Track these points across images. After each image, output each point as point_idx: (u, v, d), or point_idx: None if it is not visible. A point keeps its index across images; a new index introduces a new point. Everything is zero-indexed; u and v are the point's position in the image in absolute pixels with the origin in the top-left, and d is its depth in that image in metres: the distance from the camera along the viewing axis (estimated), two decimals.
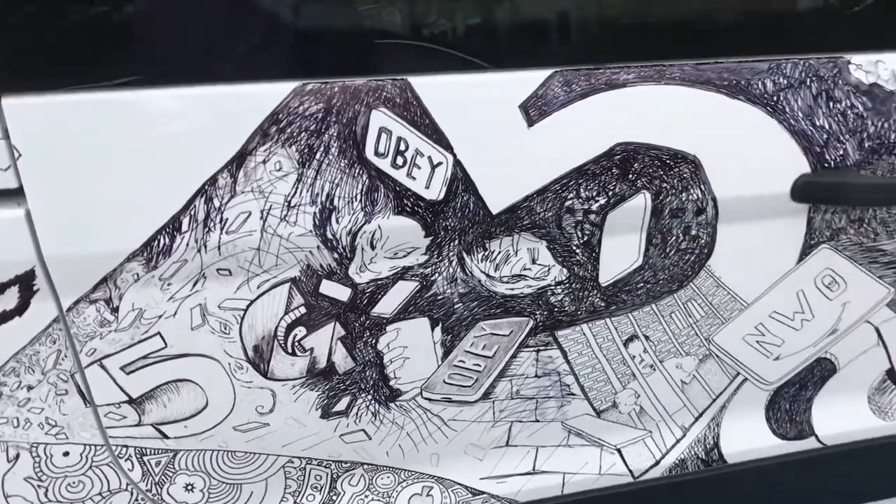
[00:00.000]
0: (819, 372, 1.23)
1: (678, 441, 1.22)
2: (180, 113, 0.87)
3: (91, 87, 0.84)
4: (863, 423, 1.29)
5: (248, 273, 0.93)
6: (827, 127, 1.05)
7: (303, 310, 0.97)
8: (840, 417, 1.28)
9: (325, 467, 1.09)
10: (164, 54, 0.89)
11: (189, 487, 1.04)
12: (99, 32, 0.85)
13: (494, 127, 0.96)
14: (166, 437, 1.00)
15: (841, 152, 1.06)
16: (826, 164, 1.06)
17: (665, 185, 1.02)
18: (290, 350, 0.99)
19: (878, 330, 1.21)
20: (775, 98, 1.02)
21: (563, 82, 0.97)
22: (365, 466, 1.11)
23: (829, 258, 1.13)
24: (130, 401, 0.97)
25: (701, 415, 1.21)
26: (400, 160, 0.93)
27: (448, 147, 0.94)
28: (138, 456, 1.01)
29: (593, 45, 1.01)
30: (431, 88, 0.93)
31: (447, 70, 0.95)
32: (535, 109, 0.96)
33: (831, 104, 1.05)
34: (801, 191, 1.07)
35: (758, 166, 1.05)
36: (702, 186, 1.03)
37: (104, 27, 0.85)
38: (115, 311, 0.92)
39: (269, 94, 0.88)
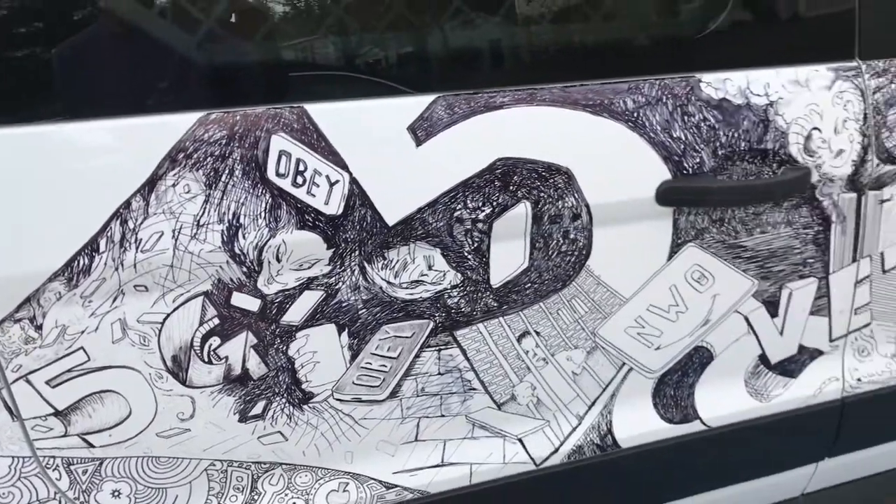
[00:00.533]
0: (698, 359, 1.36)
1: (574, 429, 1.34)
2: (96, 143, 0.96)
3: (14, 122, 0.93)
4: (742, 405, 1.43)
5: (163, 288, 1.03)
6: (683, 138, 1.19)
7: (216, 321, 1.07)
8: (721, 401, 1.42)
9: (246, 469, 1.18)
10: (81, 91, 0.99)
11: (116, 494, 1.12)
12: (17, 73, 0.94)
13: (386, 147, 1.07)
14: (92, 446, 1.08)
15: (698, 160, 1.21)
16: (685, 171, 1.20)
17: (542, 194, 1.15)
18: (206, 359, 1.08)
19: (747, 319, 1.36)
20: (636, 114, 1.16)
21: (447, 106, 1.09)
22: (283, 466, 1.20)
23: (696, 255, 1.27)
24: (56, 413, 1.05)
25: (593, 403, 1.33)
26: (300, 179, 1.04)
27: (344, 166, 1.05)
28: (66, 466, 1.09)
29: (472, 73, 1.14)
30: (326, 114, 1.04)
31: (340, 97, 1.06)
32: (422, 131, 1.08)
33: (686, 118, 1.19)
34: (665, 195, 1.20)
35: (624, 175, 1.18)
36: (575, 195, 1.16)
37: (23, 68, 0.94)
38: (39, 328, 1.00)
39: (176, 124, 0.98)
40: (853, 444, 1.57)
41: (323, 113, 1.04)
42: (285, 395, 1.14)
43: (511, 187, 1.13)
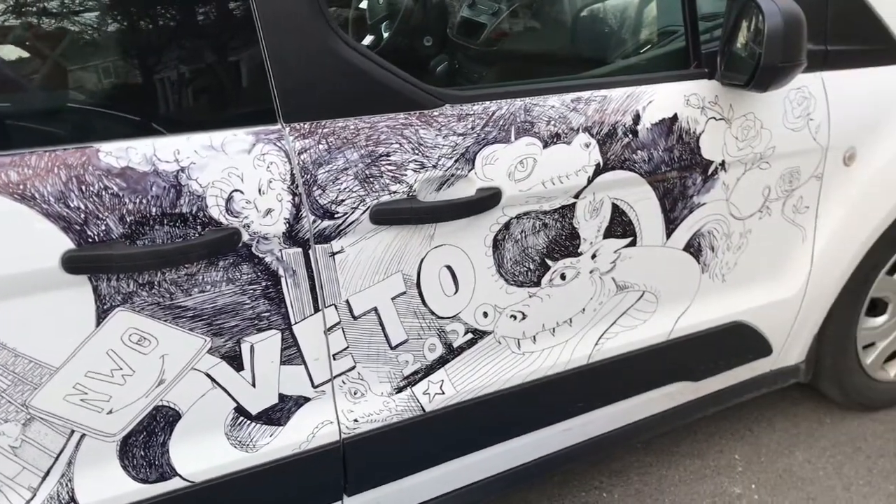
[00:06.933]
0: (163, 418, 1.38)
1: (29, 501, 1.31)
2: None
3: None
4: (227, 457, 1.45)
5: None
6: (83, 207, 1.20)
7: None
8: (202, 456, 1.44)
9: None
10: None
11: None
12: None
13: None
14: None
15: (104, 228, 1.22)
16: (91, 240, 1.21)
17: None
18: None
19: (209, 375, 1.39)
20: (23, 186, 1.16)
21: None
22: None
23: (130, 319, 1.29)
24: None
25: (48, 474, 1.31)
26: None
27: None
28: None
29: None
30: None
31: None
32: None
33: (84, 187, 1.20)
34: (71, 264, 1.21)
35: (18, 248, 1.18)
36: None
37: None
38: None
39: None
40: (368, 482, 1.63)
41: None
42: None
43: None
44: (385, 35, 2.63)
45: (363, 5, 2.77)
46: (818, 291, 2.03)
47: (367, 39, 2.77)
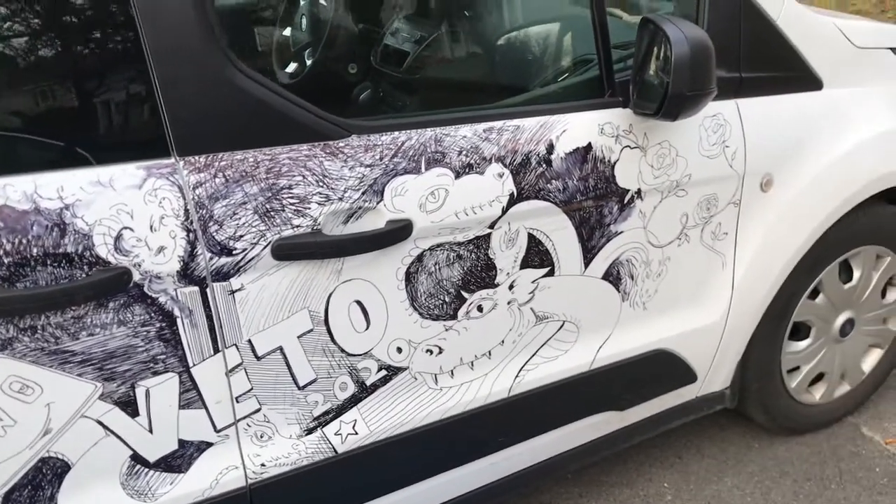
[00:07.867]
0: (50, 471, 1.29)
1: None
2: None
3: None
4: None
5: None
6: None
7: None
8: None
9: None
10: None
11: None
12: None
13: None
14: None
15: None
16: None
17: None
18: None
19: (100, 422, 1.30)
20: None
21: None
22: None
23: (10, 366, 1.20)
24: None
25: None
26: None
27: None
28: None
29: None
30: None
31: None
32: None
33: None
34: None
35: None
36: None
37: None
38: None
39: None
40: None
41: None
42: None
43: None
44: (308, 63, 2.58)
45: (287, 33, 2.72)
46: (740, 317, 2.02)
47: (291, 67, 2.72)
